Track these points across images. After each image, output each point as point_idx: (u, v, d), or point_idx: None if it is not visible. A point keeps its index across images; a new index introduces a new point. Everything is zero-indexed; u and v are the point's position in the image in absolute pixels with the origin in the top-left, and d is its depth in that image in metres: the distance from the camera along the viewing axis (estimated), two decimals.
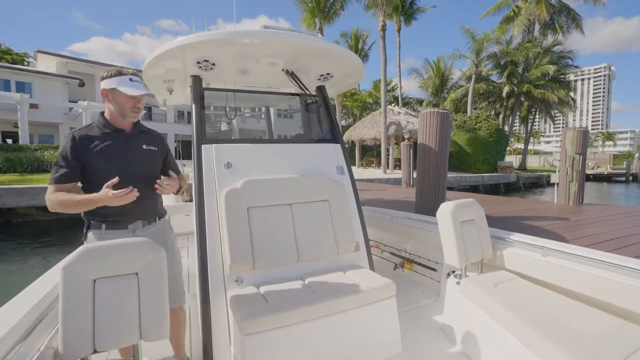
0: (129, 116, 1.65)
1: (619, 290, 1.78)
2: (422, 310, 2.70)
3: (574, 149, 4.79)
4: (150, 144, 1.76)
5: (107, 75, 1.63)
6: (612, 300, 1.81)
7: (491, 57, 25.61)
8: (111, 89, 1.61)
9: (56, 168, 1.55)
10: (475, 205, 2.48)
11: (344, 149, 2.89)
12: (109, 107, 1.66)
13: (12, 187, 8.87)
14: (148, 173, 1.73)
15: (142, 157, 1.71)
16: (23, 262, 6.45)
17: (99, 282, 1.30)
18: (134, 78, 1.63)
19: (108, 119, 1.67)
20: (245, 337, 1.68)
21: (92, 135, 1.61)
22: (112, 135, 1.64)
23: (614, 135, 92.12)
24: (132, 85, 1.60)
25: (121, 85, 1.59)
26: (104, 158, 1.58)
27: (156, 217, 1.79)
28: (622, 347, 1.44)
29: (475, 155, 21.23)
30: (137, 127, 1.75)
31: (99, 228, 1.60)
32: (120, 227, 1.63)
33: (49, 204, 1.51)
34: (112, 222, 1.61)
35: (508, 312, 1.79)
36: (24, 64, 26.40)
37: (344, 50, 2.62)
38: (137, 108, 1.65)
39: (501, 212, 4.25)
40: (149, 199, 1.69)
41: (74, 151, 1.55)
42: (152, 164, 1.77)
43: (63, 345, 1.21)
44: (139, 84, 1.63)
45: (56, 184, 1.53)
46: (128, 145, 1.66)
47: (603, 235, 2.95)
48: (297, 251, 2.27)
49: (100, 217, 1.59)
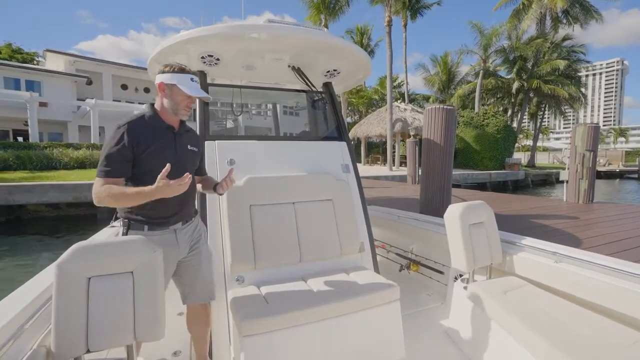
0: (180, 114, 1.62)
1: (636, 301, 1.69)
2: (427, 314, 2.64)
3: (584, 145, 4.68)
4: (193, 145, 1.75)
5: (168, 69, 1.57)
6: (630, 312, 1.71)
7: (500, 52, 25.17)
8: (171, 84, 1.56)
9: (108, 161, 1.45)
10: (485, 207, 2.39)
11: (350, 146, 2.84)
12: (162, 101, 1.61)
13: (23, 184, 9.01)
14: (191, 173, 1.71)
15: (187, 158, 1.70)
16: (33, 257, 6.56)
17: (94, 280, 1.28)
18: (194, 78, 1.60)
19: (159, 113, 1.62)
20: (244, 338, 1.65)
21: (146, 129, 1.55)
22: (163, 133, 1.61)
23: (626, 132, 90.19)
24: (192, 86, 1.57)
25: (182, 84, 1.55)
26: (155, 155, 1.54)
27: (192, 215, 1.79)
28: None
29: (482, 152, 20.96)
30: (184, 126, 1.73)
31: (141, 229, 1.56)
32: (163, 227, 1.61)
33: (97, 197, 1.42)
34: (156, 224, 1.59)
35: (517, 321, 1.73)
36: (33, 63, 26.76)
37: (352, 46, 2.56)
38: (190, 107, 1.63)
39: (509, 211, 4.18)
40: (189, 198, 1.70)
41: (129, 144, 1.47)
42: (193, 164, 1.76)
43: (56, 344, 1.19)
44: (198, 85, 1.62)
45: (106, 177, 1.44)
46: (176, 145, 1.64)
47: (615, 235, 2.87)
48: (299, 251, 2.23)
49: (143, 217, 1.56)
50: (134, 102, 23.28)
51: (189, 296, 1.78)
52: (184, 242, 1.70)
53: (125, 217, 1.58)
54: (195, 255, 1.76)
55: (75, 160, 12.95)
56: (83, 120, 20.78)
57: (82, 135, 21.10)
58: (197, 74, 1.67)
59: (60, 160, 12.61)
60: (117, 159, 1.46)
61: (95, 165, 13.16)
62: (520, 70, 25.10)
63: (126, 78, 24.92)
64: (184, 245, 1.71)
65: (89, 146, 14.82)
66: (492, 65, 26.38)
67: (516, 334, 1.73)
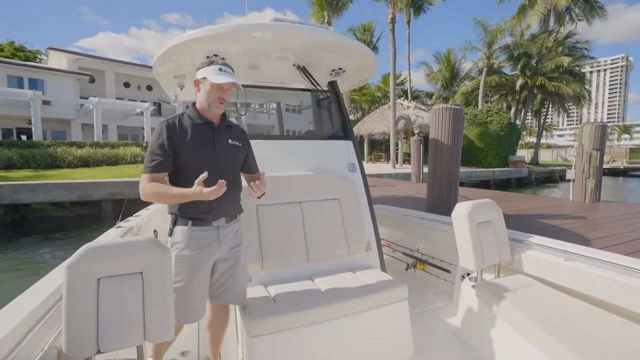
0: (213, 107, 1.62)
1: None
2: (434, 312, 2.63)
3: (591, 144, 4.63)
4: (235, 139, 1.73)
5: (200, 65, 1.63)
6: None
7: (504, 49, 24.97)
8: (202, 78, 1.61)
9: (151, 157, 1.52)
10: (493, 205, 2.37)
11: (356, 145, 2.83)
12: (199, 98, 1.65)
13: (27, 183, 9.05)
14: (232, 169, 1.71)
15: (228, 152, 1.69)
16: (38, 256, 6.60)
17: (103, 281, 1.28)
18: (223, 68, 1.60)
19: (198, 110, 1.66)
20: (252, 338, 1.66)
21: (184, 125, 1.61)
22: (202, 128, 1.63)
23: (630, 128, 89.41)
24: (219, 74, 1.58)
25: (210, 74, 1.57)
26: (193, 150, 1.57)
27: (237, 214, 1.78)
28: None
29: (486, 150, 20.87)
30: (225, 121, 1.73)
31: (185, 225, 1.61)
32: (206, 224, 1.63)
33: (143, 193, 1.49)
34: (199, 219, 1.62)
35: (527, 319, 1.71)
36: (36, 61, 26.82)
37: (358, 44, 2.55)
38: (222, 99, 1.61)
39: (515, 210, 4.15)
40: (232, 195, 1.66)
41: (169, 140, 1.54)
42: (235, 160, 1.74)
43: (66, 345, 1.20)
44: (227, 74, 1.60)
45: (151, 173, 1.51)
46: (215, 139, 1.65)
47: (624, 236, 2.84)
48: (306, 250, 2.23)
49: (187, 214, 1.60)
50: (136, 99, 23.27)
51: (219, 297, 1.75)
52: (225, 241, 1.69)
53: (171, 213, 1.64)
54: (234, 257, 1.74)
55: (79, 159, 12.99)
56: (86, 119, 20.83)
57: (86, 134, 21.17)
58: (226, 64, 1.65)
59: (64, 159, 12.65)
60: (158, 154, 1.52)
61: (98, 163, 13.28)
62: (524, 67, 24.91)
63: (129, 76, 24.93)
64: (226, 244, 1.69)
65: (93, 144, 14.86)
66: (496, 62, 26.18)
67: (526, 332, 1.72)
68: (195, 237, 1.60)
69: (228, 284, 1.74)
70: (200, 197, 1.40)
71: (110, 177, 10.44)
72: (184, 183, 1.49)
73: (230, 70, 1.63)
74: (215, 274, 1.72)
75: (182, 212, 1.61)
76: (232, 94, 3.09)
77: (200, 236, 1.61)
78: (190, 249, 1.59)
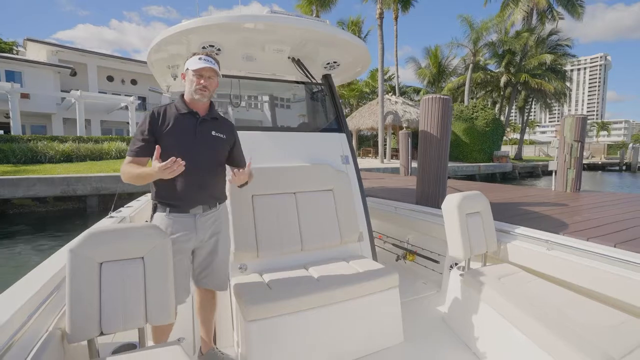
0: (196, 94, 1.66)
1: (623, 285, 1.78)
2: (424, 301, 2.71)
3: (572, 136, 4.81)
4: (220, 132, 1.76)
5: (187, 58, 1.70)
6: (616, 295, 1.81)
7: (489, 46, 25.42)
8: (186, 69, 1.67)
9: (134, 141, 1.62)
10: (481, 197, 2.46)
11: (349, 138, 2.88)
12: (185, 88, 1.71)
13: (7, 178, 8.76)
14: (212, 160, 1.74)
15: (209, 143, 1.72)
16: (19, 253, 6.42)
17: (105, 265, 1.31)
18: (203, 57, 1.64)
19: (186, 101, 1.71)
20: (248, 323, 1.70)
21: (169, 113, 1.67)
22: (186, 117, 1.68)
23: (608, 125, 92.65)
24: (198, 62, 1.62)
25: (190, 64, 1.64)
26: (172, 137, 1.63)
27: (217, 202, 1.80)
28: (625, 341, 1.45)
29: (471, 145, 21.29)
30: (211, 113, 1.76)
31: (163, 211, 1.66)
32: (183, 211, 1.67)
33: (121, 174, 1.59)
34: (175, 206, 1.66)
35: (511, 305, 1.80)
36: (13, 53, 25.75)
37: (353, 38, 2.58)
38: (203, 87, 1.65)
39: (501, 199, 4.29)
40: (210, 185, 1.72)
41: (151, 127, 1.62)
42: (217, 151, 1.77)
43: (70, 326, 1.22)
44: (206, 61, 1.63)
45: (132, 157, 1.60)
46: (197, 130, 1.69)
47: (601, 220, 2.99)
48: (300, 240, 2.28)
49: (165, 200, 1.66)
50: (120, 94, 22.70)
51: (203, 280, 1.80)
52: (203, 229, 1.72)
53: (153, 200, 1.71)
54: (214, 242, 1.78)
55: (61, 154, 12.63)
56: (68, 113, 20.21)
57: (68, 128, 20.54)
58: (209, 54, 1.68)
59: (46, 154, 12.28)
60: (139, 140, 1.61)
61: (82, 159, 12.94)
62: (509, 64, 25.46)
63: (112, 69, 24.26)
64: (203, 232, 1.72)
65: (76, 139, 14.44)
66: (482, 59, 26.64)
67: (510, 317, 1.80)
68: (172, 223, 1.65)
69: (208, 271, 1.79)
70: (160, 175, 1.44)
71: (95, 172, 10.19)
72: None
73: (211, 60, 1.66)
74: (196, 260, 1.78)
75: (160, 199, 1.67)
76: (227, 85, 3.10)
77: (177, 222, 1.66)
78: (169, 233, 1.63)
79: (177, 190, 1.62)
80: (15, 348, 1.06)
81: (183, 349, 1.33)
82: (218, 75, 1.69)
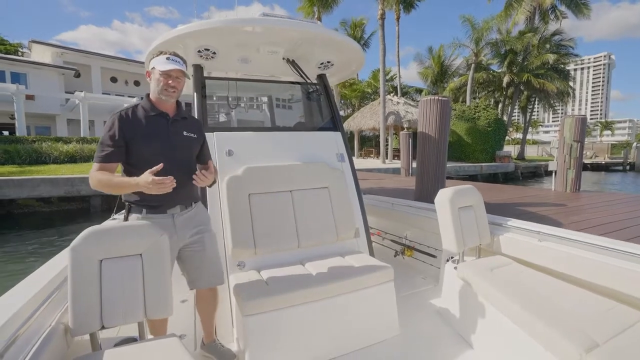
0: (163, 95, 1.63)
1: (611, 273, 1.82)
2: (421, 295, 2.74)
3: (571, 136, 4.82)
4: (190, 131, 1.76)
5: (151, 56, 1.67)
6: (605, 283, 1.85)
7: (492, 46, 25.34)
8: (151, 68, 1.64)
9: (101, 147, 1.56)
10: (474, 191, 2.50)
11: (344, 137, 2.92)
12: (151, 88, 1.68)
13: (12, 179, 8.86)
14: (186, 160, 1.74)
15: (182, 144, 1.71)
16: (24, 253, 6.51)
17: (105, 262, 1.36)
18: (171, 57, 1.62)
19: (152, 101, 1.68)
20: (246, 317, 1.74)
21: (137, 116, 1.63)
22: (156, 119, 1.65)
23: (612, 125, 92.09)
24: (166, 62, 1.60)
25: (158, 63, 1.61)
26: (145, 141, 1.60)
27: (192, 202, 1.80)
28: (612, 327, 1.49)
29: (473, 145, 21.24)
30: (180, 113, 1.74)
31: (139, 212, 1.63)
32: (160, 211, 1.66)
33: (91, 181, 1.55)
34: (152, 207, 1.64)
35: (503, 295, 1.83)
36: (18, 55, 26.00)
37: (344, 37, 2.62)
38: (171, 87, 1.62)
39: (500, 199, 4.31)
40: (186, 185, 1.69)
41: (120, 131, 1.56)
42: (190, 151, 1.77)
43: (73, 320, 1.27)
44: (174, 62, 1.62)
45: (100, 163, 1.55)
46: (169, 131, 1.67)
47: (599, 220, 3.01)
48: (297, 237, 2.31)
49: (141, 201, 1.62)
50: (124, 95, 22.85)
51: (196, 282, 1.80)
52: (182, 228, 1.72)
53: (126, 201, 1.67)
54: (199, 242, 1.77)
55: (65, 154, 12.74)
56: (72, 114, 20.36)
57: (72, 129, 20.70)
58: (176, 54, 1.67)
59: (50, 155, 12.39)
60: (109, 145, 1.55)
61: (85, 159, 13.04)
62: (511, 64, 25.36)
63: (116, 70, 24.42)
64: (183, 232, 1.72)
65: (79, 140, 14.57)
66: (484, 59, 26.58)
67: (501, 307, 1.84)
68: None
69: (201, 268, 1.78)
70: (146, 189, 1.41)
71: None
72: (139, 174, 1.48)
73: (178, 59, 1.65)
74: (186, 261, 1.77)
75: (135, 200, 1.63)
76: (224, 87, 3.15)
77: (155, 223, 1.59)
78: None
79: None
80: (20, 340, 1.11)
81: (181, 341, 1.37)
82: (186, 75, 1.66)
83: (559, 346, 1.45)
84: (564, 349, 1.41)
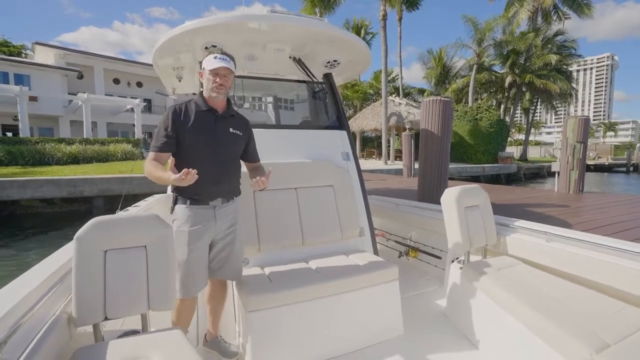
0: (212, 92, 1.71)
1: (620, 274, 1.80)
2: (425, 296, 2.73)
3: (574, 137, 4.81)
4: (237, 128, 1.83)
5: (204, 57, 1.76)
6: (614, 284, 1.82)
7: (494, 46, 25.27)
8: (202, 68, 1.74)
9: (157, 137, 1.69)
10: (480, 190, 2.47)
11: (350, 135, 2.91)
12: (204, 87, 1.76)
13: (16, 180, 8.90)
14: (230, 156, 1.82)
15: (228, 140, 1.79)
16: (24, 253, 6.53)
17: (110, 253, 1.36)
18: (218, 55, 1.70)
19: (205, 98, 1.77)
20: (249, 313, 1.74)
21: (189, 111, 1.73)
22: (205, 114, 1.74)
23: (615, 126, 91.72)
24: (214, 61, 1.68)
25: (207, 63, 1.70)
26: (193, 134, 1.69)
27: (233, 195, 1.87)
28: (622, 328, 1.47)
29: (476, 146, 21.18)
30: (229, 110, 1.82)
31: (184, 203, 1.73)
32: (203, 203, 1.75)
33: (145, 169, 1.66)
34: (195, 199, 1.73)
35: (510, 296, 1.81)
36: (21, 57, 26.17)
37: (352, 36, 2.62)
38: (219, 85, 1.70)
39: (503, 200, 4.30)
40: (228, 179, 1.80)
41: (173, 123, 1.68)
42: (235, 147, 1.84)
43: (76, 310, 1.27)
44: (222, 60, 1.69)
45: (155, 152, 1.67)
46: (217, 126, 1.75)
47: (602, 221, 2.99)
48: (301, 234, 2.31)
49: (185, 193, 1.73)
50: (126, 96, 22.95)
51: (218, 272, 1.85)
52: (222, 220, 1.79)
53: (173, 193, 1.79)
54: (231, 235, 1.84)
55: (68, 156, 12.80)
56: (75, 115, 20.48)
57: (75, 130, 20.81)
58: (226, 53, 1.73)
59: (53, 156, 12.46)
60: (163, 136, 1.68)
61: (88, 160, 13.11)
62: (513, 64, 25.30)
63: (118, 72, 24.56)
64: (222, 223, 1.79)
65: (82, 141, 14.63)
66: (486, 60, 26.52)
67: (508, 307, 1.82)
68: (193, 214, 1.72)
69: (225, 261, 1.84)
70: (175, 183, 1.51)
71: (101, 174, 10.33)
72: (185, 165, 1.56)
73: (226, 57, 1.71)
74: (213, 251, 1.83)
75: (181, 192, 1.73)
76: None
77: (198, 214, 1.73)
78: (189, 224, 1.71)
79: (198, 185, 1.60)
80: (23, 329, 1.10)
81: (184, 333, 1.36)
82: (233, 72, 1.74)
83: (568, 347, 1.43)
84: (574, 349, 1.40)
